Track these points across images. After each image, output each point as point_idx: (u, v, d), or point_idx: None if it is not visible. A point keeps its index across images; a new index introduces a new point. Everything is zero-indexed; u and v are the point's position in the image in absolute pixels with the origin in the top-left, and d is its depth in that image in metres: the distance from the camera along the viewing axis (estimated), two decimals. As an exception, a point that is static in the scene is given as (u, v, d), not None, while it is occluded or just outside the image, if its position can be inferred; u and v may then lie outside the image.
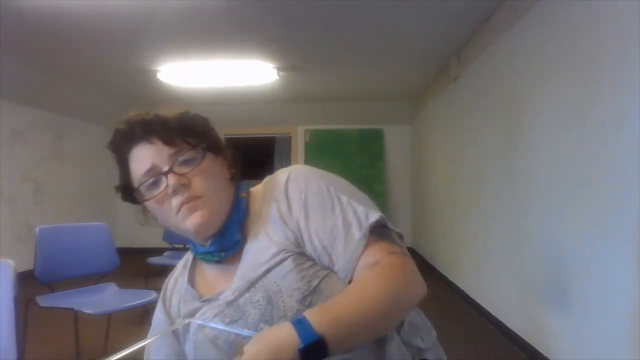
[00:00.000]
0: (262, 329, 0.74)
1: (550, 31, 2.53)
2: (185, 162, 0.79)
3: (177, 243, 4.26)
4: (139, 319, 2.84)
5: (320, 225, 0.78)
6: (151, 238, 6.53)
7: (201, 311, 0.82)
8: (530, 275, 2.80)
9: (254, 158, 9.26)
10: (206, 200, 0.79)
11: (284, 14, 3.35)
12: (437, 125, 5.32)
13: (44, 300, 2.31)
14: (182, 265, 0.95)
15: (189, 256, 0.94)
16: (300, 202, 0.80)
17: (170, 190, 0.78)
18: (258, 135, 7.52)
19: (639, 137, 1.78)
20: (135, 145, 0.81)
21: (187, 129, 0.81)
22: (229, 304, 0.79)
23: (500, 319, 3.26)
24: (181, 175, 0.78)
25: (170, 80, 5.02)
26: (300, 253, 0.78)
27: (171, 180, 0.77)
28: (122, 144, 0.83)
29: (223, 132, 7.15)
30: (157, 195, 0.79)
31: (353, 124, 6.84)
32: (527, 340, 2.80)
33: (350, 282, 0.76)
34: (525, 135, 2.87)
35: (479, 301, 3.66)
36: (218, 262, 0.85)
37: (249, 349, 0.63)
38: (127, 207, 0.84)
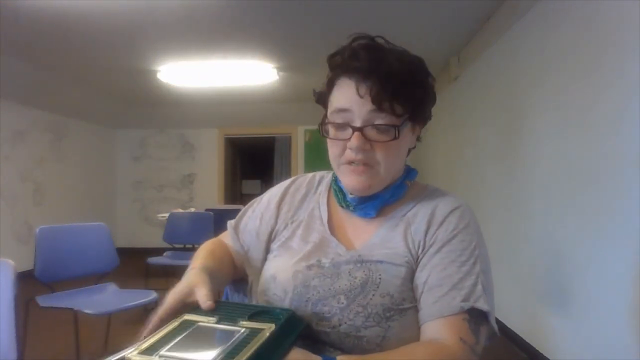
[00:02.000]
0: (340, 300, 0.75)
1: (550, 31, 2.53)
2: (379, 128, 0.76)
3: (177, 243, 4.26)
4: (139, 319, 2.84)
5: (440, 266, 0.76)
6: (151, 238, 6.55)
7: (310, 248, 0.84)
8: (530, 275, 2.80)
9: (254, 158, 9.30)
10: (377, 172, 0.78)
11: (283, 14, 3.35)
12: (437, 125, 5.32)
13: (44, 300, 2.31)
14: (324, 185, 0.94)
15: (328, 180, 0.94)
16: (447, 235, 0.78)
17: (349, 146, 0.77)
18: (258, 135, 7.52)
19: (638, 136, 1.78)
20: (345, 77, 0.77)
21: (402, 94, 0.75)
22: (334, 262, 0.80)
23: (500, 319, 3.26)
24: (367, 140, 0.76)
25: (171, 80, 5.03)
26: (413, 270, 0.78)
27: (355, 140, 0.75)
28: (335, 67, 0.80)
29: (223, 132, 7.17)
30: (336, 138, 0.79)
31: (353, 124, 6.83)
32: (527, 340, 2.80)
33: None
34: (524, 135, 2.87)
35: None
36: (341, 207, 0.86)
37: None
38: (127, 207, 0.85)
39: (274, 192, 0.96)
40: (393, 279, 0.76)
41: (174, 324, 0.66)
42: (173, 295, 0.72)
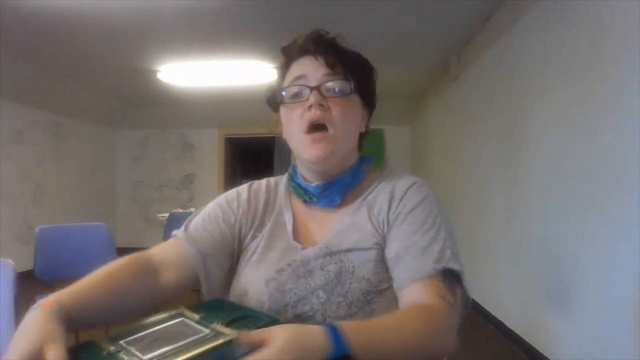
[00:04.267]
0: (319, 295, 0.76)
1: (550, 31, 2.53)
2: (333, 90, 0.81)
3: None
4: (138, 319, 2.84)
5: (405, 236, 0.78)
6: (151, 238, 6.54)
7: (277, 255, 0.83)
8: (530, 276, 2.80)
9: (254, 158, 9.29)
10: (334, 136, 0.80)
11: (283, 14, 3.35)
12: (437, 125, 5.33)
13: (44, 300, 2.31)
14: (282, 188, 0.95)
15: (284, 182, 0.96)
16: (408, 208, 0.80)
17: (307, 105, 0.80)
18: (258, 135, 7.52)
19: (638, 136, 1.78)
20: (302, 56, 0.84)
21: (352, 64, 0.84)
22: (303, 260, 0.81)
23: (500, 319, 3.26)
24: (324, 97, 0.80)
25: (171, 80, 5.03)
26: (384, 250, 0.80)
27: (313, 96, 0.79)
28: (292, 52, 0.86)
29: (223, 132, 7.17)
30: (294, 103, 0.82)
31: (353, 124, 6.84)
32: (527, 341, 2.80)
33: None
34: (525, 135, 2.87)
35: (479, 301, 3.65)
36: (305, 203, 0.88)
37: (277, 334, 0.57)
38: (127, 207, 0.84)
39: (232, 197, 0.93)
40: (365, 263, 0.78)
41: (165, 314, 0.67)
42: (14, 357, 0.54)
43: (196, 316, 0.66)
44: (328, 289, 0.76)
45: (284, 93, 0.84)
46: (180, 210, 4.95)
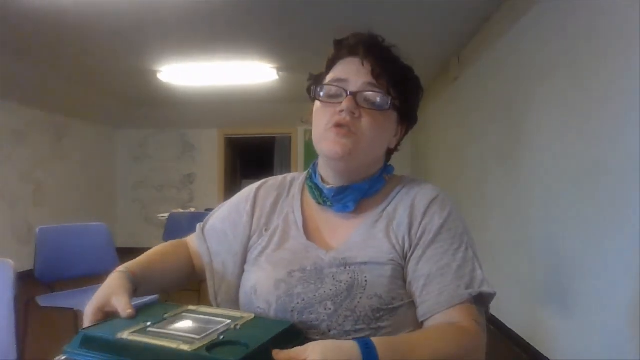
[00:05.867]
0: (327, 306, 0.74)
1: (550, 31, 2.53)
2: (369, 102, 0.79)
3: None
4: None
5: (437, 256, 0.76)
6: (151, 238, 6.54)
7: (289, 256, 0.82)
8: (531, 275, 2.80)
9: (254, 158, 9.30)
10: (359, 140, 0.78)
11: (283, 14, 3.35)
12: (437, 125, 5.32)
13: (44, 300, 2.31)
14: (297, 187, 0.92)
15: (301, 181, 0.93)
16: (435, 225, 0.79)
17: (339, 108, 0.78)
18: (258, 135, 7.52)
19: (639, 136, 1.78)
20: (350, 56, 0.82)
21: (398, 80, 0.81)
22: (317, 266, 0.79)
23: (500, 319, 3.26)
24: (358, 105, 0.78)
25: (171, 80, 5.03)
26: (401, 267, 0.78)
27: (347, 102, 0.77)
28: (342, 48, 0.84)
29: (223, 132, 7.17)
30: (327, 101, 0.80)
31: (353, 124, 6.84)
32: (527, 340, 2.80)
33: (421, 323, 0.76)
34: (525, 135, 2.87)
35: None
36: (319, 204, 0.85)
37: (314, 351, 0.59)
38: (127, 207, 0.85)
39: (243, 196, 0.93)
40: (379, 279, 0.75)
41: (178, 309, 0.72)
42: (90, 307, 0.71)
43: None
44: (337, 301, 0.74)
45: (321, 91, 0.82)
46: (180, 210, 4.95)
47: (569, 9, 2.34)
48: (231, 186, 7.87)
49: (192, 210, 5.19)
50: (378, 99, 0.79)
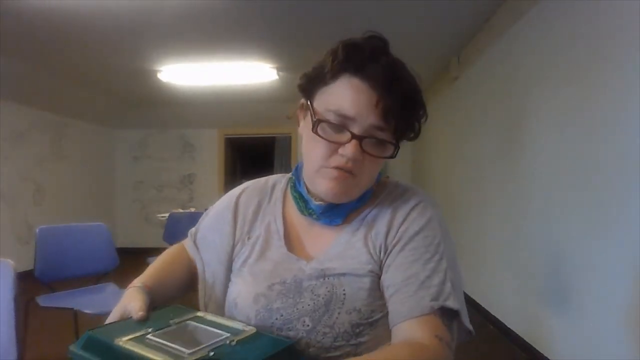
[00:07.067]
0: (305, 322, 0.72)
1: (550, 31, 2.53)
2: (376, 145, 0.72)
3: (177, 243, 4.25)
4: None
5: (406, 265, 0.73)
6: (151, 238, 6.55)
7: (270, 267, 0.79)
8: (530, 275, 2.80)
9: (254, 158, 9.29)
10: (357, 182, 0.74)
11: (283, 14, 3.35)
12: (437, 125, 5.32)
13: (44, 300, 2.31)
14: (279, 192, 0.88)
15: (283, 186, 0.88)
16: (410, 233, 0.75)
17: (342, 151, 0.71)
18: (258, 135, 7.52)
19: (638, 136, 1.78)
20: (358, 78, 0.71)
21: (408, 119, 0.74)
22: (296, 280, 0.76)
23: (500, 319, 3.26)
24: (364, 152, 0.71)
25: (171, 80, 5.03)
26: (379, 277, 0.75)
27: (353, 148, 0.70)
28: (354, 61, 0.71)
29: (223, 132, 7.17)
30: (328, 139, 0.72)
31: (353, 124, 6.83)
32: (527, 340, 2.80)
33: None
34: (524, 135, 2.87)
35: (478, 301, 3.66)
36: (303, 215, 0.81)
37: None
38: (127, 207, 0.85)
39: (224, 204, 0.90)
40: (358, 292, 0.73)
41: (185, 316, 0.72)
42: (110, 319, 0.74)
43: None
44: (315, 317, 0.72)
45: (323, 116, 0.72)
46: (180, 210, 4.95)
47: (568, 9, 2.34)
48: (231, 186, 7.86)
49: (192, 210, 5.19)
50: (384, 149, 0.73)
